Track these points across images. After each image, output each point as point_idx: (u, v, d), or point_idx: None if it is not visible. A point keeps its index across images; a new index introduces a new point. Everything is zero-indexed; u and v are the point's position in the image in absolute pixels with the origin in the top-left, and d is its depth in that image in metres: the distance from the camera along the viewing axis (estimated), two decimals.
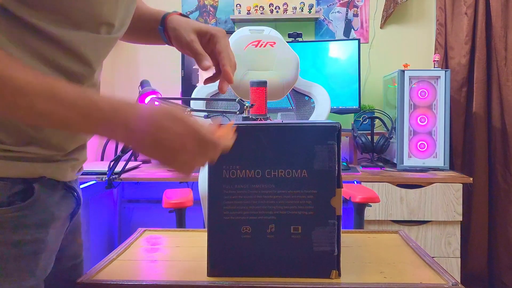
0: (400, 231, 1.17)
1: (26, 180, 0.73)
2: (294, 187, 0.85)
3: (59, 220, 0.80)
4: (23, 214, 0.72)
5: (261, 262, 0.87)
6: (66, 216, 0.84)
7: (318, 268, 0.86)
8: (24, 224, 0.72)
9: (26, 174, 0.73)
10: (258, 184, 0.84)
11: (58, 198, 0.80)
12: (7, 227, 0.70)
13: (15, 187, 0.71)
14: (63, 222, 0.83)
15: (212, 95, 2.06)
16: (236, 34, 2.05)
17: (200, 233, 1.17)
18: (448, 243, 2.43)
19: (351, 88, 2.83)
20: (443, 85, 2.58)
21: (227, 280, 0.85)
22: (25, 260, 0.73)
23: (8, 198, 0.70)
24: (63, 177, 0.80)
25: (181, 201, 1.85)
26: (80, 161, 0.87)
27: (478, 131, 2.89)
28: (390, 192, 2.42)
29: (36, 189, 0.74)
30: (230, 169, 0.87)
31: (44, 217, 0.76)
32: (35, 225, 0.74)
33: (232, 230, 0.87)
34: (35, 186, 0.74)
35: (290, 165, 0.86)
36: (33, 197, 0.73)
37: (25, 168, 0.73)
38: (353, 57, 2.82)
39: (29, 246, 0.73)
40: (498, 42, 2.87)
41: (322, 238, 0.85)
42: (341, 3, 3.16)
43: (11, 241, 0.71)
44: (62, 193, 0.81)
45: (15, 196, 0.71)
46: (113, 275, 0.89)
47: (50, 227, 0.77)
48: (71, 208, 0.85)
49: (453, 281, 0.83)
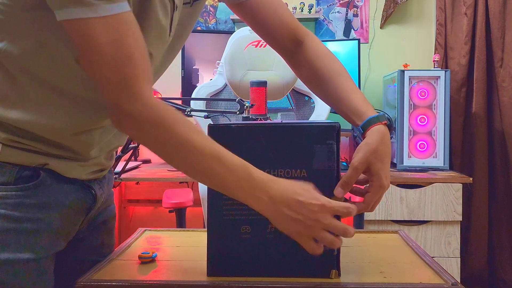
0: (400, 231, 1.17)
1: (34, 168, 0.82)
2: None
3: (67, 208, 0.88)
4: (26, 195, 0.81)
5: (261, 262, 0.87)
6: (80, 208, 0.92)
7: (318, 268, 0.86)
8: (26, 203, 0.81)
9: (33, 163, 0.82)
10: None
11: (69, 190, 0.88)
12: (10, 204, 0.79)
13: (23, 172, 0.81)
14: (74, 211, 0.90)
15: (212, 95, 2.06)
16: (236, 34, 2.05)
17: (200, 233, 1.17)
18: (448, 243, 2.43)
19: None
20: (443, 85, 2.58)
21: (227, 280, 0.85)
22: (24, 235, 0.81)
23: (16, 180, 0.80)
24: (66, 172, 0.87)
25: (181, 201, 1.85)
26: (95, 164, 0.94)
27: (478, 131, 2.89)
28: (390, 192, 2.42)
29: (42, 175, 0.83)
30: None
31: (46, 201, 0.84)
32: (37, 205, 0.82)
33: (232, 230, 0.87)
34: (41, 173, 0.83)
35: (289, 165, 0.86)
36: (37, 181, 0.82)
37: (32, 157, 0.82)
38: (353, 57, 2.82)
39: (30, 224, 0.81)
40: (495, 43, 2.87)
41: None
42: (341, 3, 3.16)
43: (13, 216, 0.79)
44: (76, 187, 0.90)
45: (22, 179, 0.81)
46: (113, 275, 0.89)
47: (54, 210, 0.85)
48: (86, 203, 0.93)
49: (453, 281, 0.83)
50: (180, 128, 0.76)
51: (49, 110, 0.81)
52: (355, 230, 0.82)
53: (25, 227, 0.81)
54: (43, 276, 0.84)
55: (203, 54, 2.81)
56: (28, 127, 0.81)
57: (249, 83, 1.69)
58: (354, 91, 0.95)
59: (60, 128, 0.83)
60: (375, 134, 0.88)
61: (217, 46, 2.52)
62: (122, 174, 2.32)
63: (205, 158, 0.76)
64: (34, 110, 0.80)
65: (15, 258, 0.79)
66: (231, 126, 0.88)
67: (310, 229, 0.77)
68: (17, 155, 0.81)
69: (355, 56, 2.82)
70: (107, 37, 0.71)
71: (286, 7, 1.02)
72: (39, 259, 0.82)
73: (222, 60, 2.04)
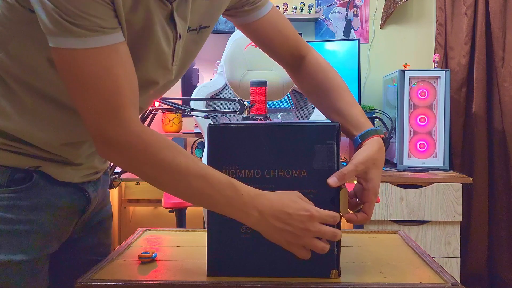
0: (400, 231, 1.17)
1: (26, 170, 0.83)
2: (294, 186, 0.84)
3: (60, 209, 0.88)
4: (18, 197, 0.82)
5: (261, 261, 0.87)
6: (73, 210, 0.92)
7: (318, 268, 0.86)
8: (19, 205, 0.82)
9: (26, 165, 0.83)
10: (258, 184, 0.84)
11: (62, 192, 0.89)
12: (2, 205, 0.80)
13: (16, 174, 0.82)
14: (67, 213, 0.91)
15: (212, 95, 2.06)
16: (236, 34, 2.05)
17: (200, 233, 1.17)
18: (448, 243, 2.43)
19: (351, 88, 2.81)
20: (443, 85, 2.58)
21: (227, 280, 0.85)
22: (17, 236, 0.82)
23: (8, 182, 0.81)
24: (59, 176, 0.88)
25: (181, 201, 1.85)
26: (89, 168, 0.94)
27: (478, 131, 2.89)
28: (390, 192, 2.42)
29: (35, 177, 0.84)
30: (229, 169, 0.86)
31: (39, 202, 0.84)
32: (29, 207, 0.83)
33: (232, 230, 0.87)
34: (34, 175, 0.84)
35: (289, 164, 0.86)
36: (29, 183, 0.83)
37: (25, 160, 0.83)
38: (353, 57, 2.82)
39: (22, 225, 0.82)
40: (496, 43, 2.87)
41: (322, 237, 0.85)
42: (341, 3, 3.16)
43: (5, 218, 0.80)
44: (69, 189, 0.90)
45: (15, 181, 0.82)
46: (113, 275, 0.89)
47: (46, 212, 0.86)
48: (79, 205, 0.94)
49: (453, 281, 0.83)
50: (165, 153, 0.77)
51: (42, 121, 0.82)
52: (355, 230, 0.82)
53: (18, 228, 0.81)
54: (36, 276, 0.85)
55: (203, 54, 2.80)
56: (20, 135, 0.82)
57: (249, 83, 1.69)
58: (353, 104, 0.98)
59: (50, 139, 0.84)
60: (374, 144, 0.91)
61: (217, 46, 2.52)
62: (122, 174, 2.32)
63: (191, 181, 0.77)
64: (27, 120, 0.81)
65: (8, 259, 0.80)
66: (231, 126, 0.88)
67: (300, 238, 0.79)
68: (11, 158, 0.82)
69: (355, 56, 2.82)
70: (94, 68, 0.71)
71: (290, 24, 1.05)
72: (32, 260, 0.83)
73: (222, 60, 2.04)
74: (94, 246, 1.02)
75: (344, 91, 1.00)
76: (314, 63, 1.04)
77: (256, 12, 0.99)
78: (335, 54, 2.86)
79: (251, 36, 1.05)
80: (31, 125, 0.82)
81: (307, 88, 1.06)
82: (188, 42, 0.89)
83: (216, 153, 0.87)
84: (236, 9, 0.98)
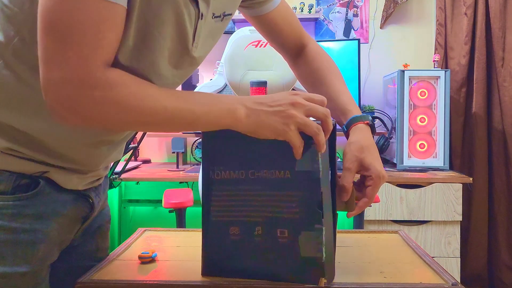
0: (400, 231, 1.17)
1: (32, 176, 0.80)
2: (278, 188, 0.82)
3: (64, 217, 0.86)
4: (23, 204, 0.79)
5: (250, 264, 0.85)
6: (76, 217, 0.91)
7: (306, 275, 0.82)
8: (24, 213, 0.79)
9: (32, 171, 0.80)
10: (243, 185, 0.82)
11: (67, 199, 0.87)
12: (7, 214, 0.77)
13: (21, 180, 0.79)
14: (70, 221, 0.89)
15: None
16: (236, 34, 2.05)
17: (200, 233, 1.17)
18: (448, 243, 2.43)
19: (351, 88, 2.83)
20: (443, 85, 2.58)
21: (227, 280, 0.85)
22: (21, 247, 0.78)
23: (13, 189, 0.78)
24: (64, 183, 0.86)
25: (181, 201, 1.85)
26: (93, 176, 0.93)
27: (478, 131, 2.89)
28: (390, 192, 2.42)
29: (41, 184, 0.81)
30: (215, 170, 0.85)
31: (44, 210, 0.81)
32: (34, 216, 0.80)
33: (221, 231, 0.86)
34: (40, 181, 0.81)
35: (272, 165, 0.82)
36: (35, 191, 0.80)
37: (31, 166, 0.80)
38: (353, 57, 2.82)
39: (27, 235, 0.79)
40: (495, 43, 2.87)
41: (309, 243, 0.80)
42: (341, 3, 3.16)
43: (10, 227, 0.77)
44: (73, 196, 0.88)
45: (20, 187, 0.79)
46: (113, 275, 0.89)
47: (51, 220, 0.83)
48: (83, 212, 0.93)
49: (453, 281, 0.83)
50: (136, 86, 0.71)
51: None
52: (355, 230, 0.82)
53: (22, 238, 0.78)
54: (38, 286, 0.82)
55: None
56: (34, 132, 0.78)
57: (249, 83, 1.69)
58: (343, 91, 0.98)
59: (69, 136, 0.80)
60: (357, 132, 0.91)
61: (217, 46, 2.51)
62: (122, 174, 2.32)
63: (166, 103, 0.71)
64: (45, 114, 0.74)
65: (12, 271, 0.77)
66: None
67: (293, 117, 0.75)
68: (17, 163, 0.79)
69: (355, 56, 2.81)
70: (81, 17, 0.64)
71: (295, 14, 1.09)
72: (36, 271, 0.81)
73: (222, 60, 2.04)
74: (92, 251, 1.00)
75: (336, 77, 1.02)
76: (313, 52, 1.08)
77: (270, 3, 1.02)
78: (335, 54, 2.86)
79: (262, 28, 1.06)
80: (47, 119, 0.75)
81: (304, 76, 1.09)
82: (214, 29, 0.88)
83: (206, 155, 0.87)
84: (252, 0, 1.01)
